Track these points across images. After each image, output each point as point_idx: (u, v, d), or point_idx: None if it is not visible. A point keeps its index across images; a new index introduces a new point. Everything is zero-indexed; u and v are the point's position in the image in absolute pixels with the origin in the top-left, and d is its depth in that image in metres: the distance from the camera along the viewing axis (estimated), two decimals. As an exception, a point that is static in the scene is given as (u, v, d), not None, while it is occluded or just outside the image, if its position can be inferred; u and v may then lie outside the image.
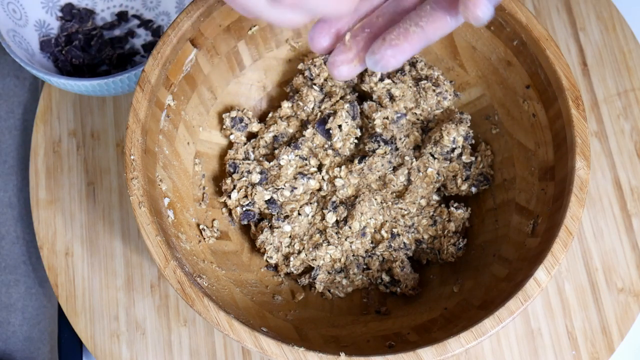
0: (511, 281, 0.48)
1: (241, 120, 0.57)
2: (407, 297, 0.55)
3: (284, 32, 0.58)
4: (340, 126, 0.55)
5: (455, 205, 0.55)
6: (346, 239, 0.54)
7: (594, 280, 0.60)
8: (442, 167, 0.55)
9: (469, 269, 0.54)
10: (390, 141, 0.55)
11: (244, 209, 0.55)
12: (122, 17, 0.67)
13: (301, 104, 0.57)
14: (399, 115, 0.56)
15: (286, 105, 0.58)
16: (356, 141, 0.57)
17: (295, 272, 0.55)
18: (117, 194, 0.63)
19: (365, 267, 0.55)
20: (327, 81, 0.58)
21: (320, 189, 0.56)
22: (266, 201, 0.55)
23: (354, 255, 0.55)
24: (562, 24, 0.67)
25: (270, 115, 0.59)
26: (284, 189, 0.54)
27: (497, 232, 0.54)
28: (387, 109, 0.56)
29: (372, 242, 0.55)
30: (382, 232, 0.54)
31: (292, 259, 0.54)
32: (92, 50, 0.65)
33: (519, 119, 0.54)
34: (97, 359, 0.59)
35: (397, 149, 0.56)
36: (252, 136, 0.59)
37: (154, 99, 0.50)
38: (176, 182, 0.53)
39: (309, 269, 0.55)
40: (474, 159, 0.56)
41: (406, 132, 0.57)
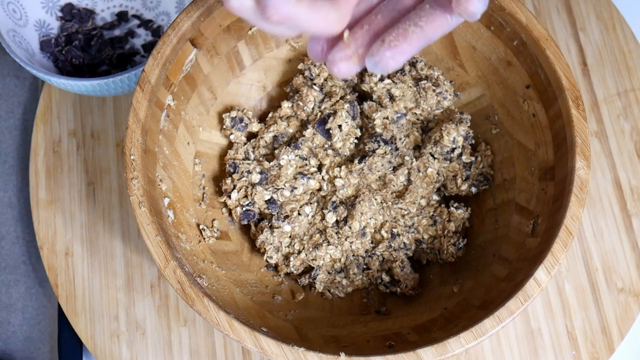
0: (511, 281, 0.48)
1: (241, 120, 0.57)
2: (407, 297, 0.55)
3: (284, 32, 0.58)
4: (340, 126, 0.55)
5: (455, 205, 0.55)
6: (346, 239, 0.54)
7: (594, 280, 0.60)
8: (442, 167, 0.55)
9: (469, 269, 0.54)
10: (390, 141, 0.55)
11: (244, 209, 0.55)
12: (122, 17, 0.67)
13: (301, 104, 0.57)
14: (399, 115, 0.56)
15: (286, 105, 0.58)
16: (356, 141, 0.57)
17: (295, 272, 0.55)
18: (117, 194, 0.63)
19: (365, 267, 0.55)
20: (327, 81, 0.58)
21: (320, 189, 0.56)
22: (266, 201, 0.55)
23: (354, 255, 0.55)
24: (562, 24, 0.67)
25: (270, 115, 0.59)
26: (284, 189, 0.54)
27: (497, 232, 0.54)
28: (387, 109, 0.56)
29: (372, 242, 0.55)
30: (382, 232, 0.54)
31: (292, 259, 0.54)
32: (92, 50, 0.65)
33: (519, 119, 0.54)
34: (97, 359, 0.59)
35: (397, 149, 0.56)
36: (252, 136, 0.59)
37: (154, 99, 0.50)
38: (176, 182, 0.53)
39: (309, 269, 0.55)
40: (474, 159, 0.56)
41: (406, 132, 0.57)
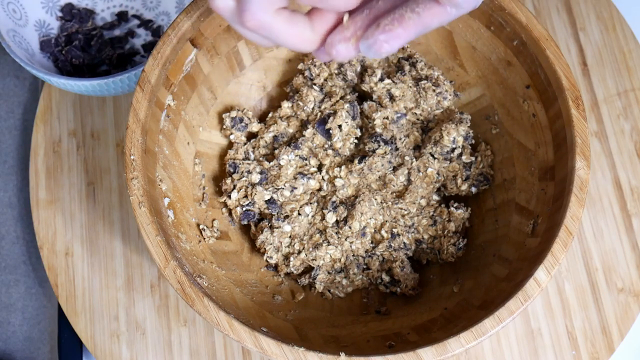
0: (511, 281, 0.48)
1: (241, 120, 0.57)
2: (407, 297, 0.55)
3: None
4: (340, 126, 0.55)
5: (455, 205, 0.55)
6: (346, 239, 0.54)
7: (594, 280, 0.60)
8: (442, 167, 0.55)
9: (469, 269, 0.54)
10: (390, 141, 0.55)
11: (244, 209, 0.55)
12: (122, 17, 0.67)
13: (301, 104, 0.57)
14: (399, 115, 0.56)
15: (286, 105, 0.58)
16: (356, 141, 0.57)
17: (295, 272, 0.55)
18: (117, 194, 0.63)
19: (365, 267, 0.55)
20: (327, 81, 0.58)
21: (320, 189, 0.56)
22: (266, 201, 0.55)
23: (354, 255, 0.55)
24: (562, 24, 0.67)
25: (270, 115, 0.59)
26: (284, 189, 0.54)
27: (497, 232, 0.54)
28: (387, 109, 0.56)
29: (372, 242, 0.55)
30: (382, 232, 0.54)
31: (292, 259, 0.54)
32: (92, 50, 0.65)
33: (519, 119, 0.54)
34: (97, 359, 0.59)
35: (397, 149, 0.56)
36: (252, 136, 0.59)
37: (154, 99, 0.50)
38: (176, 182, 0.53)
39: (309, 269, 0.55)
40: (474, 159, 0.56)
41: (406, 132, 0.57)
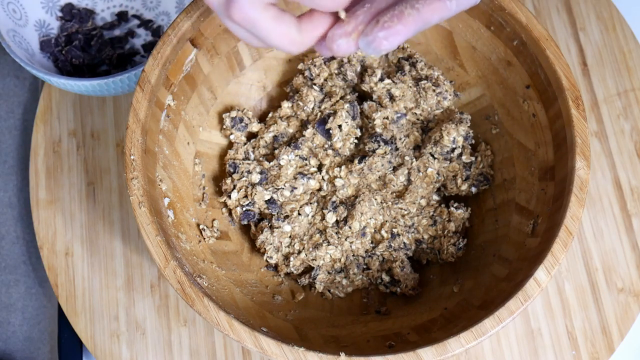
0: (511, 281, 0.48)
1: (241, 120, 0.57)
2: (407, 297, 0.55)
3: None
4: (340, 126, 0.55)
5: (455, 205, 0.55)
6: (346, 239, 0.54)
7: (594, 280, 0.60)
8: (442, 167, 0.55)
9: (469, 269, 0.54)
10: (390, 141, 0.55)
11: (244, 209, 0.55)
12: (122, 17, 0.67)
13: (301, 104, 0.57)
14: (399, 115, 0.56)
15: (286, 105, 0.58)
16: (356, 141, 0.57)
17: (295, 272, 0.55)
18: (117, 194, 0.63)
19: (365, 267, 0.55)
20: (327, 81, 0.58)
21: (320, 189, 0.56)
22: (266, 201, 0.55)
23: (354, 255, 0.55)
24: (562, 24, 0.67)
25: (270, 115, 0.59)
26: (284, 189, 0.54)
27: (497, 232, 0.54)
28: (387, 109, 0.56)
29: (372, 242, 0.55)
30: (382, 232, 0.54)
31: (292, 259, 0.54)
32: (92, 50, 0.65)
33: (519, 119, 0.54)
34: (97, 359, 0.59)
35: (397, 149, 0.56)
36: (252, 136, 0.59)
37: (154, 99, 0.50)
38: (176, 182, 0.53)
39: (309, 269, 0.55)
40: (474, 159, 0.56)
41: (406, 132, 0.57)
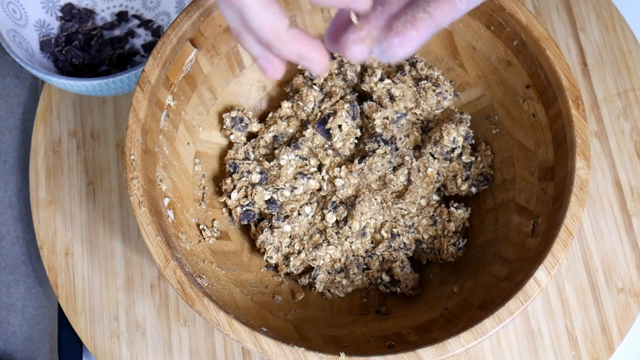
0: (511, 281, 0.48)
1: (241, 120, 0.57)
2: (407, 297, 0.55)
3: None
4: (340, 126, 0.55)
5: (455, 205, 0.55)
6: (346, 239, 0.54)
7: (594, 280, 0.60)
8: (442, 167, 0.55)
9: (469, 269, 0.54)
10: (390, 141, 0.55)
11: (244, 209, 0.55)
12: (122, 17, 0.67)
13: (301, 104, 0.57)
14: (399, 115, 0.56)
15: (286, 105, 0.58)
16: (356, 141, 0.57)
17: (295, 272, 0.55)
18: (117, 194, 0.63)
19: (365, 267, 0.55)
20: (327, 81, 0.58)
21: (320, 189, 0.56)
22: (266, 201, 0.55)
23: (354, 255, 0.55)
24: (562, 24, 0.67)
25: (270, 115, 0.59)
26: (284, 189, 0.54)
27: (497, 232, 0.54)
28: (387, 109, 0.56)
29: (372, 242, 0.55)
30: (382, 232, 0.54)
31: (292, 259, 0.54)
32: (92, 50, 0.65)
33: (519, 119, 0.54)
34: (97, 359, 0.59)
35: (397, 149, 0.56)
36: (252, 136, 0.59)
37: (154, 99, 0.50)
38: (176, 182, 0.53)
39: (309, 269, 0.55)
40: (474, 159, 0.56)
41: (406, 132, 0.57)
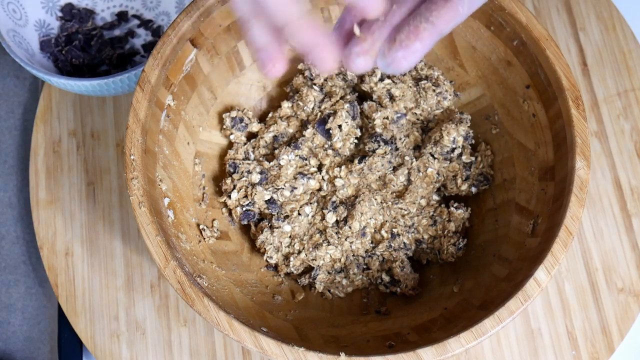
0: (511, 281, 0.48)
1: (241, 120, 0.57)
2: (407, 297, 0.55)
3: (284, 32, 0.58)
4: (340, 126, 0.55)
5: (455, 205, 0.55)
6: (346, 239, 0.54)
7: (594, 280, 0.60)
8: (442, 167, 0.55)
9: (469, 269, 0.54)
10: (390, 141, 0.55)
11: (244, 209, 0.55)
12: (122, 17, 0.67)
13: (301, 104, 0.57)
14: (399, 115, 0.56)
15: (286, 105, 0.58)
16: (356, 141, 0.57)
17: (295, 272, 0.55)
18: (117, 194, 0.63)
19: (365, 267, 0.55)
20: (327, 81, 0.58)
21: (320, 189, 0.56)
22: (266, 201, 0.55)
23: (354, 255, 0.55)
24: (562, 24, 0.67)
25: (270, 115, 0.59)
26: (284, 189, 0.54)
27: (497, 232, 0.54)
28: (387, 109, 0.56)
29: (372, 242, 0.55)
30: (382, 232, 0.54)
31: (292, 259, 0.54)
32: (92, 50, 0.65)
33: (519, 119, 0.54)
34: (97, 359, 0.59)
35: (397, 149, 0.56)
36: (252, 136, 0.59)
37: (154, 99, 0.50)
38: (176, 182, 0.53)
39: (309, 269, 0.55)
40: (474, 159, 0.56)
41: (406, 132, 0.57)
